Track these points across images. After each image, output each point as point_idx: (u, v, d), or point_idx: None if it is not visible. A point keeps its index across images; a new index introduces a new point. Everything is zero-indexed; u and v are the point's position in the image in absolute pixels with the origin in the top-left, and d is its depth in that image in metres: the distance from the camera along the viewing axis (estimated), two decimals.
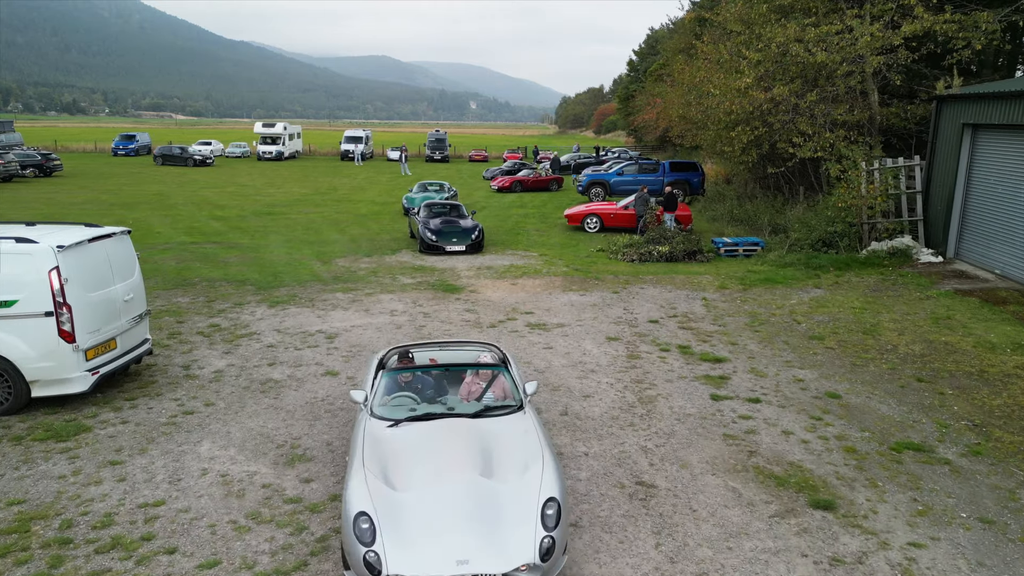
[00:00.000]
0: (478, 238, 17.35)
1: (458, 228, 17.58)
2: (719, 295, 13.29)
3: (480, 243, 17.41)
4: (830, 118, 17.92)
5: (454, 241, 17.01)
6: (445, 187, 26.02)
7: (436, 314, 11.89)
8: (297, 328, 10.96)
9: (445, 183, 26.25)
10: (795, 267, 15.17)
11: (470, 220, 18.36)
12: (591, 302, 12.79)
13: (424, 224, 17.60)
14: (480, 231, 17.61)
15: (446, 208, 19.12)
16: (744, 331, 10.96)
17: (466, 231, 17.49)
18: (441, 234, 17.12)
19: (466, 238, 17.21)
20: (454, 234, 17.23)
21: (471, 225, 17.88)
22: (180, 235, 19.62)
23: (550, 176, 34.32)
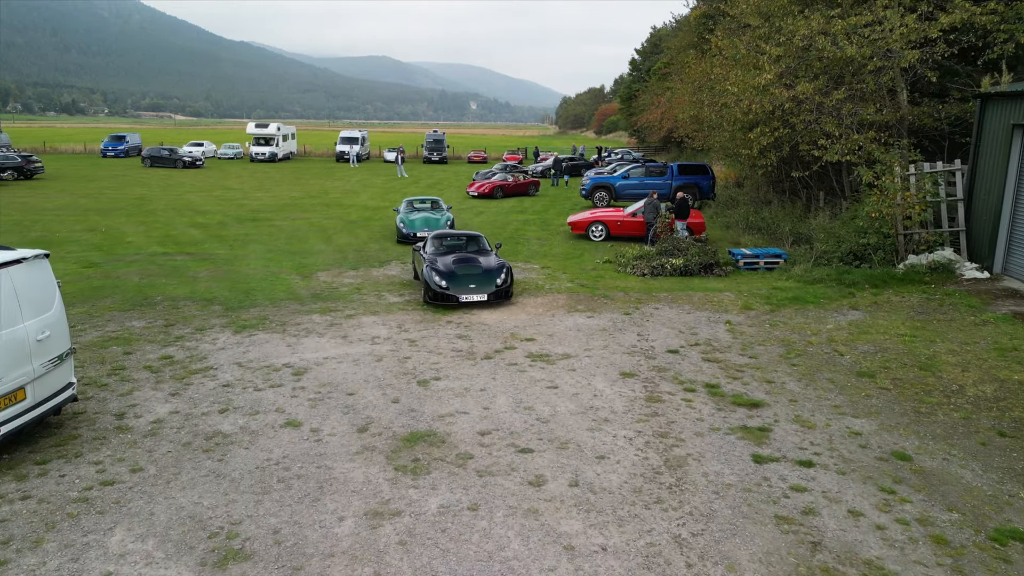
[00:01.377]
0: (505, 283, 12.65)
1: (477, 269, 12.91)
2: (744, 317, 11.78)
3: (508, 290, 12.69)
4: (858, 118, 16.42)
5: (472, 288, 12.41)
6: (440, 205, 21.11)
7: (423, 341, 10.39)
8: (261, 361, 9.46)
9: (438, 199, 21.50)
10: (825, 284, 13.65)
11: (494, 257, 13.61)
12: (600, 326, 11.28)
13: (431, 264, 12.98)
14: (508, 273, 12.85)
15: (461, 241, 14.41)
16: (779, 364, 9.45)
17: (488, 274, 12.79)
18: (454, 278, 12.57)
19: (488, 283, 12.55)
20: (472, 278, 12.64)
21: (495, 264, 13.12)
22: (152, 244, 18.13)
23: (528, 180, 32.51)
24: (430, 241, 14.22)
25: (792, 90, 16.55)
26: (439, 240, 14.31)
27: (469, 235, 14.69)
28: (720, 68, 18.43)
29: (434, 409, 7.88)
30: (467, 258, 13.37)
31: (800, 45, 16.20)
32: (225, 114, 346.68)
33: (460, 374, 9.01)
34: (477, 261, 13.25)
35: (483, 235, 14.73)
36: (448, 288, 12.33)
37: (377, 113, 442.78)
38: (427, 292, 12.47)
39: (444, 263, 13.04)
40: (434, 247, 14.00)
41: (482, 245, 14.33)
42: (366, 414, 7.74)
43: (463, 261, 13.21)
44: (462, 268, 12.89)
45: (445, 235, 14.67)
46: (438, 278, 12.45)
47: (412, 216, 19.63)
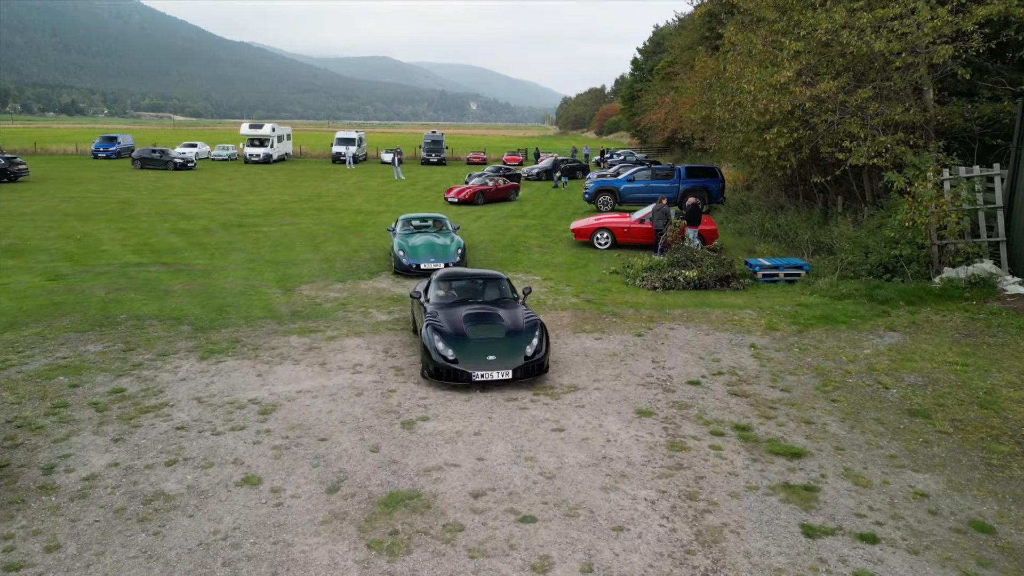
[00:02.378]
0: (538, 352, 8.79)
1: (498, 330, 9.11)
2: (769, 340, 10.60)
3: (541, 361, 8.77)
4: (885, 118, 15.24)
5: (491, 360, 8.55)
6: (445, 224, 16.99)
7: (412, 369, 9.21)
8: (225, 395, 8.28)
9: (443, 217, 17.38)
10: (855, 300, 12.47)
11: (521, 310, 9.73)
12: (610, 350, 10.11)
13: (433, 322, 9.18)
14: (541, 336, 9.03)
15: (476, 285, 10.58)
16: (816, 399, 8.27)
17: (514, 338, 8.94)
18: (465, 345, 8.73)
19: (512, 351, 8.70)
20: (491, 345, 8.81)
21: (523, 322, 9.30)
22: (128, 254, 16.96)
23: (508, 184, 30.88)
24: (434, 285, 10.41)
25: (813, 88, 15.37)
26: (446, 284, 10.47)
27: (486, 276, 10.79)
28: (735, 65, 17.27)
29: (419, 460, 6.70)
30: (484, 314, 9.48)
31: (822, 40, 15.02)
32: (225, 114, 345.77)
33: (451, 412, 7.84)
34: (498, 317, 9.37)
35: (505, 277, 10.79)
36: (456, 360, 8.50)
37: (377, 113, 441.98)
38: (427, 364, 8.66)
39: (451, 320, 9.24)
40: (438, 295, 10.19)
41: (504, 291, 10.46)
42: (339, 467, 6.56)
43: (478, 318, 9.35)
44: (477, 329, 9.11)
45: (453, 277, 10.71)
46: (442, 344, 8.66)
47: (413, 240, 15.47)
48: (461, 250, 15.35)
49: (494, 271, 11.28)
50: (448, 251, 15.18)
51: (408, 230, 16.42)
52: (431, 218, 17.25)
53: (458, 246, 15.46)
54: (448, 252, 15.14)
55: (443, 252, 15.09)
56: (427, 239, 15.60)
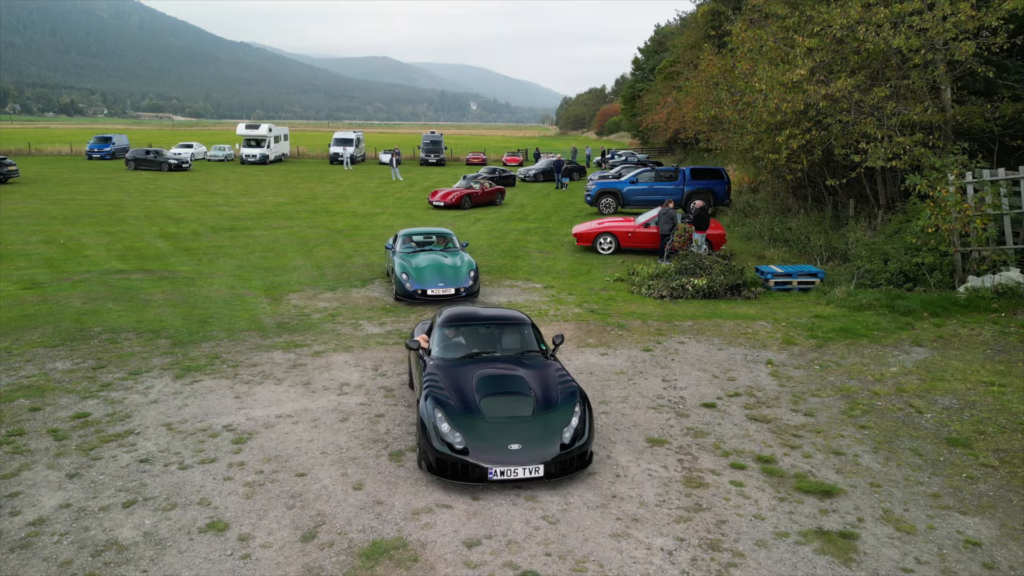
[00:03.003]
0: (580, 437, 6.39)
1: (524, 404, 6.66)
2: (787, 355, 9.90)
3: (584, 450, 6.38)
4: (902, 119, 14.53)
5: (515, 451, 6.18)
6: (452, 241, 14.57)
7: (402, 390, 8.51)
8: (198, 420, 7.58)
9: (449, 233, 14.86)
10: (875, 311, 11.76)
11: (553, 367, 7.30)
12: (616, 367, 9.40)
13: (432, 387, 6.84)
14: (583, 413, 6.60)
15: (494, 331, 7.85)
16: (844, 425, 7.57)
17: (544, 416, 6.55)
18: (480, 425, 6.39)
19: (544, 439, 6.31)
20: (514, 427, 6.41)
21: (557, 394, 6.81)
22: (111, 260, 16.26)
23: (495, 188, 29.46)
24: (436, 332, 7.79)
25: (826, 87, 14.66)
26: (452, 329, 7.82)
27: (505, 319, 7.95)
28: (745, 63, 16.57)
29: (407, 500, 6.00)
30: (504, 377, 6.97)
31: (837, 36, 14.31)
32: (225, 115, 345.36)
33: None
34: (522, 383, 6.87)
35: (529, 320, 8.04)
36: (467, 451, 6.10)
37: (377, 114, 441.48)
38: (426, 451, 6.28)
39: (459, 386, 6.78)
40: (443, 344, 7.62)
41: (528, 341, 7.77)
42: (317, 509, 5.86)
43: (496, 384, 6.84)
44: (495, 402, 6.60)
45: (462, 319, 7.91)
46: (447, 425, 6.28)
47: (417, 261, 13.17)
48: (474, 272, 12.97)
49: (515, 311, 8.25)
50: (459, 274, 12.87)
51: (410, 248, 13.98)
52: (436, 233, 14.83)
53: (470, 267, 13.10)
54: (459, 275, 12.84)
55: (453, 275, 12.79)
56: (433, 259, 13.28)
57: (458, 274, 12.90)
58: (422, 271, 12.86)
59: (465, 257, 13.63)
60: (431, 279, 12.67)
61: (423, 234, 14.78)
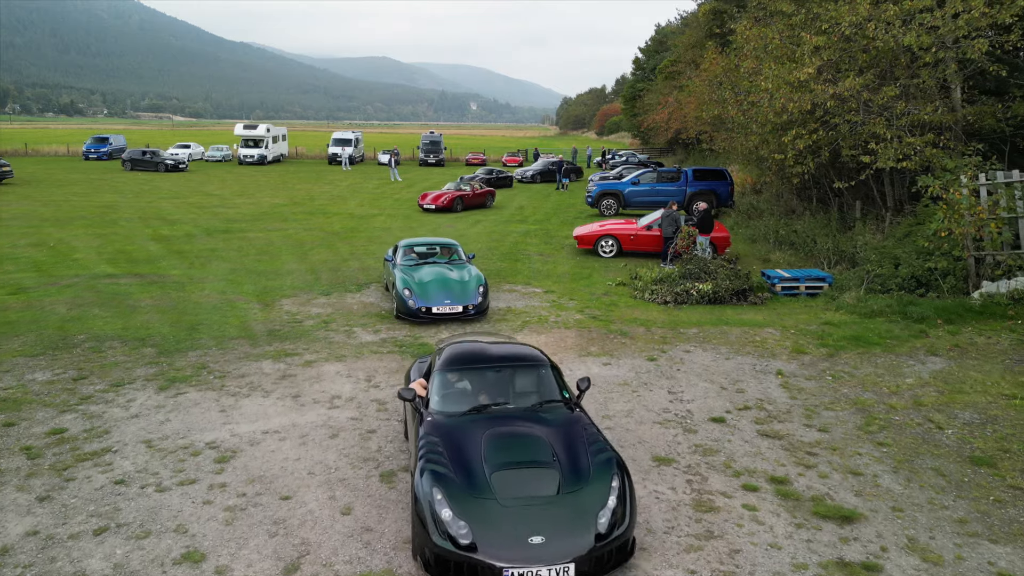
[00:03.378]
0: (616, 529, 4.93)
1: (547, 479, 5.19)
2: (797, 365, 9.51)
3: (624, 543, 4.97)
4: (912, 119, 14.15)
5: (536, 545, 4.73)
6: (457, 252, 13.49)
7: (397, 404, 8.13)
8: (180, 436, 7.19)
9: (453, 243, 13.77)
10: (887, 318, 11.38)
11: (583, 428, 5.80)
12: (620, 378, 9.02)
13: (434, 458, 5.34)
14: (620, 484, 5.19)
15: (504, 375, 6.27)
16: (861, 442, 7.18)
17: (572, 494, 5.11)
18: (491, 510, 4.93)
19: (574, 527, 4.88)
20: (534, 511, 4.95)
21: (589, 464, 5.36)
22: (101, 263, 15.87)
23: (485, 190, 28.40)
24: (436, 377, 6.24)
25: (834, 86, 14.28)
26: (455, 373, 6.25)
27: (519, 358, 6.40)
28: (751, 61, 16.19)
29: (398, 527, 5.61)
30: (519, 438, 5.56)
31: (846, 34, 13.93)
32: (225, 115, 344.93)
33: None
34: (543, 448, 5.45)
35: (547, 359, 6.51)
36: (474, 544, 4.74)
37: (377, 114, 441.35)
38: (423, 543, 4.93)
39: (463, 454, 5.36)
40: (443, 391, 6.13)
41: (547, 386, 6.26)
42: (301, 537, 5.48)
43: (510, 448, 5.41)
44: (510, 477, 5.17)
45: (465, 360, 6.34)
46: (449, 511, 4.91)
47: (420, 275, 12.00)
48: (483, 288, 11.79)
49: (530, 349, 6.58)
50: (467, 289, 11.67)
51: (411, 260, 12.86)
52: (439, 244, 13.66)
53: (478, 282, 11.91)
54: (467, 291, 11.64)
55: (460, 291, 11.62)
56: (438, 273, 12.11)
57: (466, 290, 11.67)
58: (426, 286, 11.63)
59: (472, 270, 12.44)
60: (436, 295, 11.45)
61: (426, 245, 13.60)
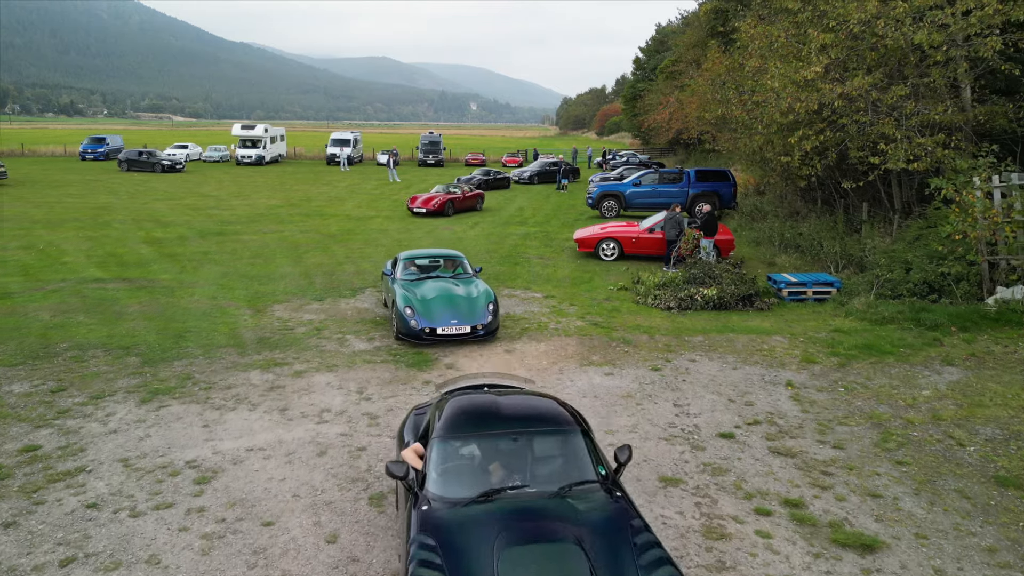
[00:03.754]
0: None
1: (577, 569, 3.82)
2: (807, 376, 9.13)
3: None
4: (923, 118, 13.76)
5: None
6: (463, 265, 12.10)
7: (389, 417, 7.74)
8: (159, 454, 6.82)
9: (459, 256, 12.38)
10: (899, 325, 10.99)
11: (626, 520, 4.23)
12: (623, 389, 8.63)
13: (424, 535, 4.13)
14: None
15: (521, 444, 4.78)
16: (879, 461, 6.80)
17: None
18: None
19: None
20: None
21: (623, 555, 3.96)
22: (90, 267, 15.49)
23: (475, 192, 27.39)
24: (435, 447, 4.77)
25: (842, 85, 13.89)
26: (460, 439, 4.83)
27: (542, 418, 4.97)
28: (756, 60, 15.80)
29: (387, 558, 5.23)
30: (547, 548, 3.98)
31: (855, 31, 13.55)
32: (225, 115, 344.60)
33: None
34: (578, 560, 3.91)
35: (576, 418, 5.09)
36: None
37: (377, 114, 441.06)
38: None
39: (470, 557, 3.94)
40: (443, 464, 4.69)
41: (579, 463, 4.76)
42: (282, 568, 5.10)
43: (536, 566, 3.87)
44: None
45: (473, 421, 4.94)
46: None
47: (423, 291, 10.81)
48: (492, 305, 10.56)
49: (557, 407, 5.13)
50: (475, 307, 10.45)
51: (412, 274, 11.56)
52: (443, 256, 12.33)
53: (488, 299, 10.69)
54: (475, 309, 10.43)
55: (468, 309, 10.40)
56: (443, 288, 10.88)
57: (474, 308, 10.45)
58: (430, 304, 10.40)
59: (480, 285, 11.19)
60: (441, 314, 10.22)
61: (429, 257, 12.23)
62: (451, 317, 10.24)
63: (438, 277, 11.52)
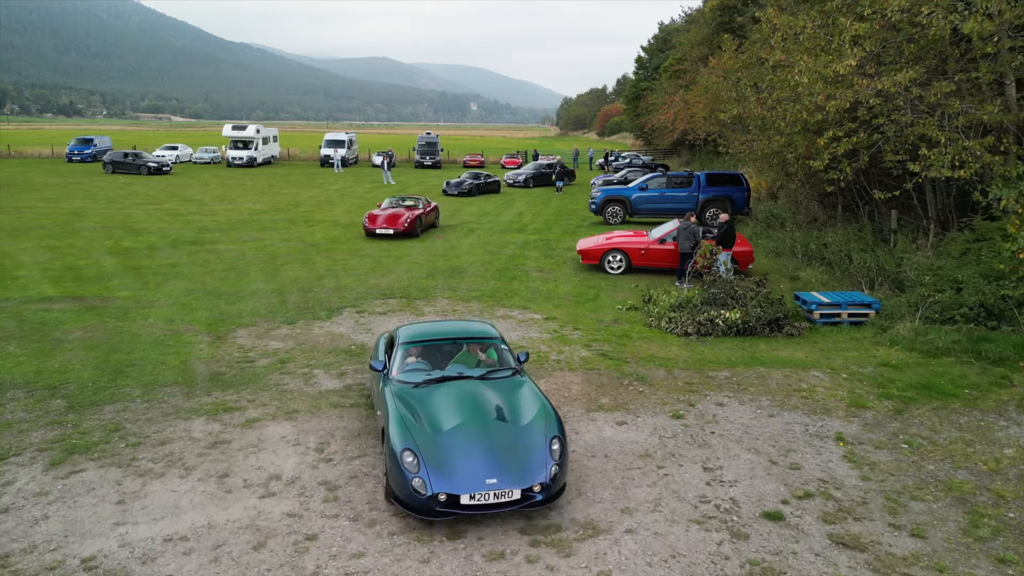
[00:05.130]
0: None
1: None
2: (860, 425, 7.62)
3: None
4: (968, 118, 12.25)
5: None
6: (496, 348, 7.44)
7: (351, 487, 6.24)
8: (50, 548, 5.32)
9: (490, 332, 7.62)
10: (956, 357, 9.48)
11: None
12: (640, 445, 7.13)
13: None
14: None
15: None
16: (973, 557, 5.28)
17: None
18: None
19: None
20: None
21: None
22: (43, 283, 13.99)
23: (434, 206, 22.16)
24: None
25: (879, 81, 12.38)
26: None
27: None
28: (779, 53, 14.29)
29: None
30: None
31: (892, 20, 12.03)
32: (225, 115, 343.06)
33: None
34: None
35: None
36: None
37: (377, 114, 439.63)
38: None
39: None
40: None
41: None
42: None
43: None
44: None
45: None
46: None
47: (435, 411, 6.29)
48: (557, 443, 6.03)
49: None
50: (527, 448, 5.98)
51: (417, 371, 7.02)
52: (465, 337, 7.57)
53: (549, 427, 6.18)
54: (527, 451, 5.95)
55: (514, 450, 5.93)
56: (470, 405, 6.36)
57: (525, 448, 5.95)
58: (449, 443, 5.90)
59: (532, 396, 6.61)
60: (468, 464, 5.75)
61: (443, 338, 7.48)
62: (486, 468, 5.71)
63: (460, 377, 6.83)
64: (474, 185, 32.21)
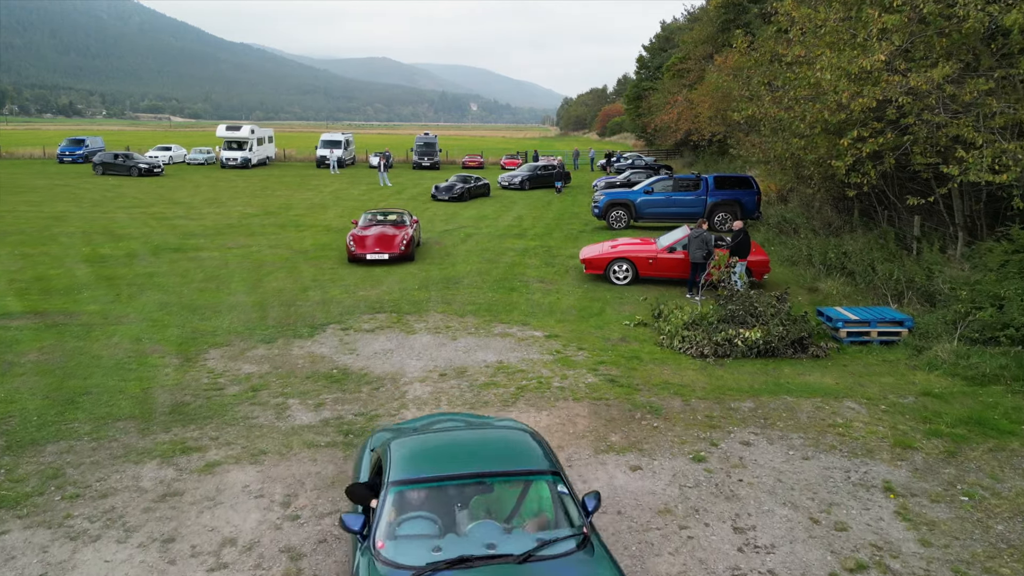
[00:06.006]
0: None
1: None
2: (909, 471, 6.63)
3: None
4: (1007, 118, 11.26)
5: None
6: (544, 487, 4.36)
7: (318, 554, 5.26)
8: None
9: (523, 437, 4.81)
10: (1006, 385, 8.50)
11: None
12: (658, 498, 6.15)
13: None
14: None
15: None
16: None
17: None
18: None
19: None
20: None
21: None
22: (7, 296, 13.01)
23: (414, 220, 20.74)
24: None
25: (908, 77, 11.39)
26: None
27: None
28: (798, 47, 13.31)
29: None
30: None
31: (923, 11, 11.04)
32: (225, 116, 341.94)
33: None
34: None
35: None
36: None
37: (377, 114, 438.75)
38: None
39: None
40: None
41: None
42: None
43: None
44: None
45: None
46: None
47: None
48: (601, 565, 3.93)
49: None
50: None
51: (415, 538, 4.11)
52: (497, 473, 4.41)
53: None
54: None
55: None
56: None
57: None
58: None
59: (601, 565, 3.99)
60: None
61: (456, 477, 4.37)
62: None
63: (489, 560, 3.92)
64: (464, 189, 31.00)
